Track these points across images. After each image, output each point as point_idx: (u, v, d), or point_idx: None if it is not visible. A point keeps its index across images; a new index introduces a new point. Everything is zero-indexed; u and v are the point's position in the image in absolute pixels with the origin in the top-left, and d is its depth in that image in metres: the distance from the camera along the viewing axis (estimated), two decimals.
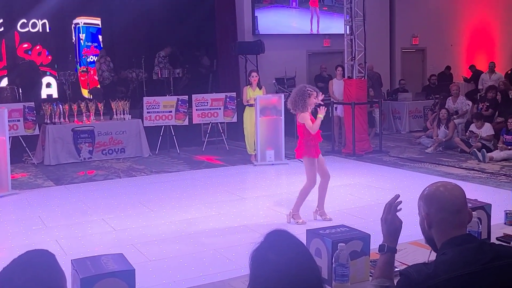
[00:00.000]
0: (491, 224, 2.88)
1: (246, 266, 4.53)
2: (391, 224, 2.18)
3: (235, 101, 11.18)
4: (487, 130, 9.65)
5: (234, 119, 11.15)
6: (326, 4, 14.55)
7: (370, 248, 2.47)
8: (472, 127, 9.88)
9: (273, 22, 14.00)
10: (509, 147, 9.14)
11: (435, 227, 1.97)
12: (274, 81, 11.46)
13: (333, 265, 2.28)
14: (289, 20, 14.21)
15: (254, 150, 9.42)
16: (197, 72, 14.38)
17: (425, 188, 2.06)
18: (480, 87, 13.77)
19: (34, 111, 9.93)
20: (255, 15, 13.77)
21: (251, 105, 9.29)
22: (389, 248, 2.13)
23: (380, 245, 2.16)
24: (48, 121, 10.00)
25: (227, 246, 5.15)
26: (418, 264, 1.90)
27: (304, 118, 5.69)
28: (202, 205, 6.67)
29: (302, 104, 5.66)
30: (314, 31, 14.46)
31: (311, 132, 5.67)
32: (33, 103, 10.14)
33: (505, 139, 9.28)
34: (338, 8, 14.35)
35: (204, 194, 7.23)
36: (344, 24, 10.59)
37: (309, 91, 5.66)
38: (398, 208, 2.20)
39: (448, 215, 1.94)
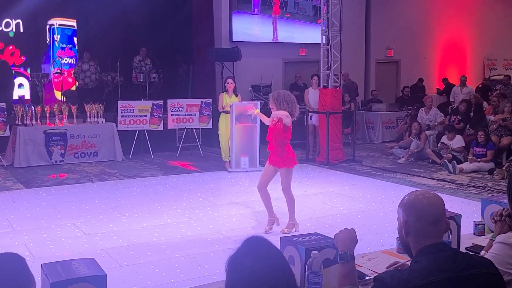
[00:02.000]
0: (461, 234, 2.93)
1: (218, 273, 4.53)
2: (351, 234, 2.21)
3: (211, 107, 11.17)
4: (458, 142, 9.82)
5: (209, 125, 11.13)
6: (288, 11, 14.59)
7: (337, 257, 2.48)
8: (444, 139, 10.06)
9: (242, 26, 13.96)
10: (479, 159, 9.33)
11: (412, 235, 2.00)
12: (250, 89, 11.51)
13: (306, 273, 2.29)
14: (252, 26, 14.19)
15: (229, 156, 9.41)
16: (173, 77, 14.33)
17: (405, 196, 2.09)
18: (451, 99, 14.04)
19: (5, 112, 9.75)
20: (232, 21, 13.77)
21: (226, 112, 9.29)
22: (352, 256, 2.16)
23: (340, 254, 2.16)
24: (20, 123, 9.83)
25: (200, 252, 5.12)
26: (392, 270, 1.93)
27: (282, 113, 5.50)
28: (175, 211, 6.63)
29: (286, 108, 5.55)
30: (277, 40, 14.45)
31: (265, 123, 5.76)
32: (4, 104, 9.95)
33: (475, 151, 9.46)
34: (300, 15, 14.48)
35: (177, 200, 7.19)
36: (321, 34, 10.70)
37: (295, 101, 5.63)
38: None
39: (426, 225, 1.98)
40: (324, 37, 10.57)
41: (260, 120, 9.32)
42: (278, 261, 1.65)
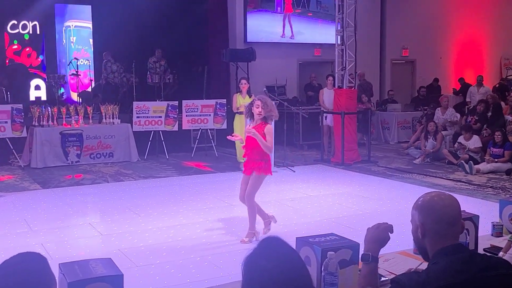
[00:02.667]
0: (479, 235, 2.90)
1: (234, 273, 4.52)
2: (382, 232, 2.18)
3: (225, 108, 11.18)
4: (475, 142, 9.73)
5: (224, 126, 11.14)
6: (310, 10, 14.57)
7: (359, 257, 2.47)
8: (460, 139, 9.96)
9: (259, 26, 14.01)
10: (496, 160, 9.22)
11: (428, 237, 1.98)
12: (265, 89, 11.45)
13: (322, 274, 2.28)
14: (274, 24, 14.22)
15: (244, 157, 9.40)
16: (188, 78, 14.37)
17: (420, 197, 2.07)
18: (468, 99, 13.90)
19: (22, 113, 9.85)
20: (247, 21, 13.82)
21: (240, 113, 9.29)
22: (374, 258, 2.15)
23: (363, 254, 2.16)
24: (36, 124, 9.92)
25: (215, 253, 5.13)
26: (409, 272, 1.91)
27: (271, 132, 5.37)
28: (190, 212, 6.64)
29: (271, 115, 5.36)
30: (287, 37, 14.42)
31: (268, 152, 5.32)
32: (21, 105, 10.06)
33: (492, 151, 9.36)
34: (323, 14, 14.45)
35: (192, 201, 7.21)
36: (336, 34, 10.66)
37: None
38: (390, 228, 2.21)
39: (443, 227, 1.96)
40: (339, 37, 10.53)
41: (274, 121, 9.36)
42: (295, 261, 1.65)
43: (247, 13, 13.82)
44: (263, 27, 14.06)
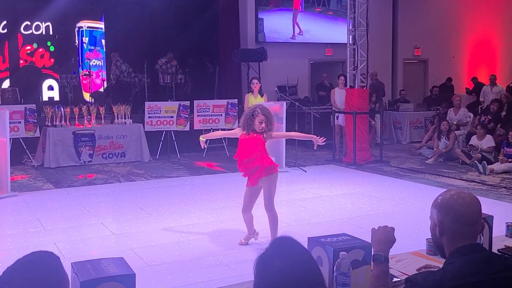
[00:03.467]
0: (493, 236, 2.87)
1: (245, 273, 4.52)
2: (389, 234, 2.17)
3: (237, 107, 11.19)
4: (488, 142, 9.64)
5: (235, 126, 11.13)
6: (331, 9, 14.54)
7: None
8: (473, 139, 9.88)
9: (278, 25, 14.03)
10: (510, 160, 9.13)
11: (446, 235, 1.96)
12: (276, 89, 11.48)
13: (334, 274, 2.26)
14: (289, 23, 14.24)
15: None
16: (199, 78, 14.41)
17: (439, 196, 2.04)
18: (481, 99, 13.78)
19: (36, 113, 9.94)
20: (259, 17, 13.82)
21: None
22: (385, 258, 2.14)
23: (374, 255, 2.15)
24: (49, 124, 10.00)
25: (226, 252, 5.13)
26: (424, 272, 1.90)
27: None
28: (202, 211, 6.65)
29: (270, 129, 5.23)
30: (296, 33, 14.42)
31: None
32: (34, 105, 10.15)
33: (506, 151, 9.27)
34: (343, 13, 14.44)
35: (204, 200, 7.22)
36: (347, 34, 10.62)
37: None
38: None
39: (462, 226, 1.94)
40: (350, 36, 10.49)
41: (286, 121, 9.36)
42: (307, 261, 1.64)
43: (263, 12, 13.82)
44: (277, 26, 14.08)
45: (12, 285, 1.54)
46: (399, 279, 2.44)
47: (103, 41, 14.43)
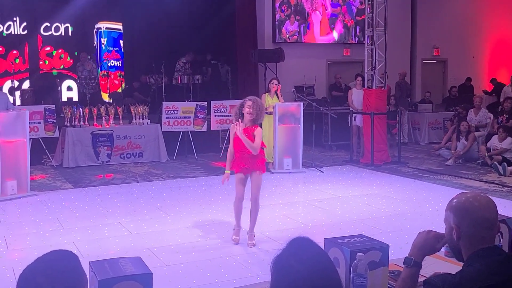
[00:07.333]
0: None
1: (262, 273, 4.52)
2: (428, 240, 2.11)
3: None
4: (509, 143, 9.51)
5: None
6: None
7: (389, 259, 2.44)
8: (494, 139, 9.75)
9: (295, 25, 14.02)
10: None
11: (464, 239, 1.93)
12: (293, 89, 11.47)
13: (351, 275, 2.25)
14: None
15: (272, 158, 9.40)
16: (215, 78, 14.44)
17: (454, 198, 2.01)
18: (502, 99, 13.59)
19: (55, 114, 10.05)
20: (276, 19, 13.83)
21: (269, 113, 9.28)
22: (416, 262, 2.09)
23: (406, 257, 2.12)
24: (68, 124, 10.09)
25: (243, 253, 5.13)
26: (443, 274, 1.87)
27: (260, 134, 5.35)
28: (219, 211, 6.67)
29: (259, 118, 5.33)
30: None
31: (254, 153, 5.31)
32: (53, 105, 10.26)
33: None
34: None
35: (221, 200, 7.23)
36: (366, 34, 10.56)
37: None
38: (443, 241, 2.11)
39: (480, 231, 1.90)
40: (368, 36, 10.44)
41: (304, 122, 9.34)
42: (324, 262, 1.64)
43: (276, 16, 13.83)
44: (294, 27, 14.07)
45: (31, 284, 1.56)
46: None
47: (121, 41, 14.55)
